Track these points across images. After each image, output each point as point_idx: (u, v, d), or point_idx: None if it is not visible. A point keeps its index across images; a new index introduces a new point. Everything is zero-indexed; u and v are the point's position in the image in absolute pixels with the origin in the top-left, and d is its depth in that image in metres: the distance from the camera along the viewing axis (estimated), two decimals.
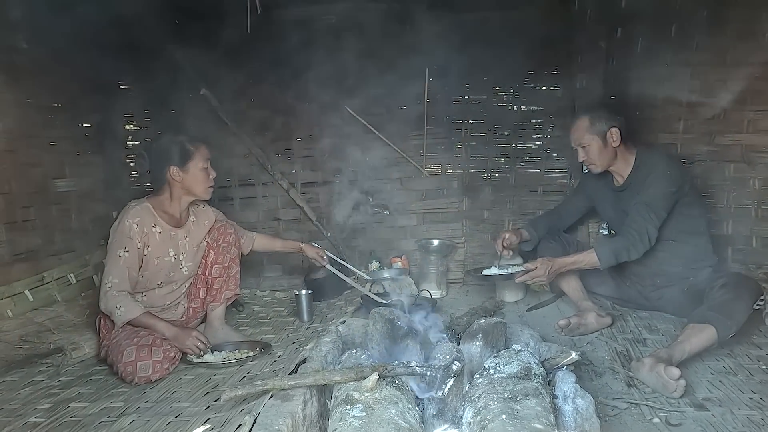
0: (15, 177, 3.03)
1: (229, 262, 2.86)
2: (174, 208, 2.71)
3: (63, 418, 1.98)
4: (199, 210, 2.87)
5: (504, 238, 3.08)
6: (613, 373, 2.29)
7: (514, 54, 3.54)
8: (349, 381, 1.79)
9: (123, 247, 2.52)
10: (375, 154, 3.85)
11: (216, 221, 2.90)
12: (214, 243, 2.83)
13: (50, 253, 3.22)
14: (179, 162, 2.64)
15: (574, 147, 2.93)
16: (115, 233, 2.56)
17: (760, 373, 2.23)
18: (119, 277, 2.50)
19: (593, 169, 2.92)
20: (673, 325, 2.76)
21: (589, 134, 2.84)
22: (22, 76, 3.09)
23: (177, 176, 2.64)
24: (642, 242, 2.69)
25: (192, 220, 2.80)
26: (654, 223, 2.70)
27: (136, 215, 2.57)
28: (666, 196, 2.72)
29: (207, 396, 2.11)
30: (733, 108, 3.21)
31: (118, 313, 2.45)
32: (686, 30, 3.31)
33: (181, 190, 2.69)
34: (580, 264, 2.80)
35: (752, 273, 3.01)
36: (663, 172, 2.75)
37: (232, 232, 2.89)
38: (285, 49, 3.65)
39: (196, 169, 2.66)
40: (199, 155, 2.67)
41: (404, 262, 3.69)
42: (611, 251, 2.73)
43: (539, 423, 1.49)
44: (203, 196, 2.75)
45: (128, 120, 4.00)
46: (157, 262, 2.63)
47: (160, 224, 2.65)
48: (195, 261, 2.79)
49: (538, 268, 2.76)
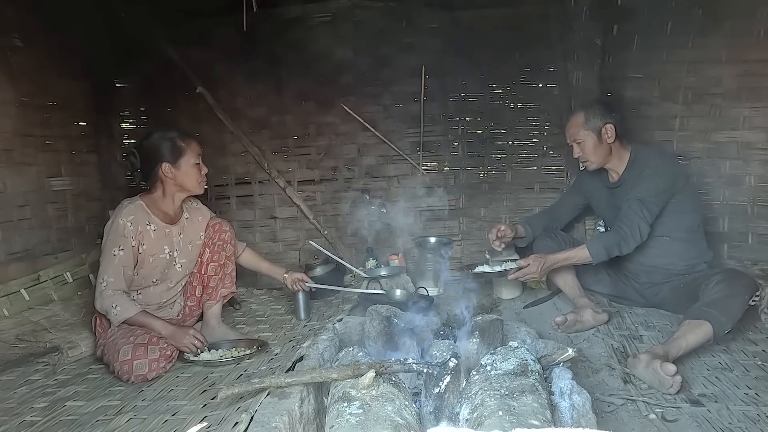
0: (10, 176, 3.01)
1: (224, 259, 2.85)
2: (167, 206, 2.71)
3: (59, 417, 1.97)
4: (193, 207, 2.86)
5: (499, 229, 3.08)
6: (610, 370, 2.30)
7: (510, 51, 3.55)
8: (346, 378, 1.79)
9: (117, 245, 2.51)
10: (371, 152, 3.85)
11: (211, 218, 2.90)
12: (209, 241, 2.83)
13: (46, 252, 3.21)
14: (171, 158, 2.62)
15: (569, 143, 2.94)
16: (109, 232, 2.54)
17: (756, 369, 2.24)
18: (114, 276, 2.49)
19: (588, 166, 2.93)
20: (670, 322, 2.76)
21: (584, 130, 2.84)
22: (18, 75, 3.08)
23: (169, 173, 2.63)
24: (633, 237, 2.70)
25: (186, 217, 2.79)
26: (646, 218, 2.70)
27: (130, 213, 2.57)
28: (659, 192, 2.73)
29: (204, 394, 2.10)
30: (728, 105, 3.22)
31: (114, 312, 2.44)
32: (682, 27, 3.31)
33: (174, 186, 2.68)
34: (572, 260, 2.81)
35: (748, 269, 3.02)
36: (657, 168, 2.76)
37: (228, 229, 2.88)
38: (281, 47, 3.64)
39: (187, 165, 2.65)
40: (190, 151, 2.65)
41: (401, 259, 3.69)
42: (602, 246, 2.74)
43: (536, 419, 1.49)
44: (196, 191, 2.74)
45: (124, 118, 3.99)
46: (152, 259, 2.63)
47: (154, 221, 2.64)
48: (189, 258, 2.79)
49: (530, 264, 2.77)
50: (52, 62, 3.33)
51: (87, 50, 3.56)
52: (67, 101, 3.47)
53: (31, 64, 3.17)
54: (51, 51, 3.30)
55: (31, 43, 3.17)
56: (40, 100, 3.28)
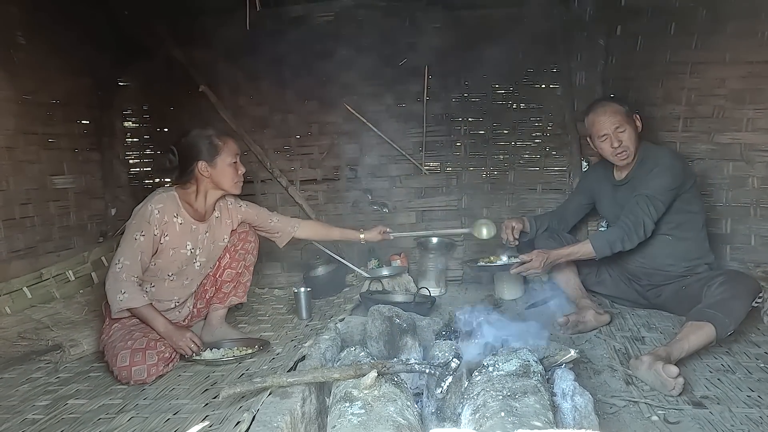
0: (13, 173, 3.02)
1: (242, 269, 2.83)
2: (199, 203, 2.69)
3: (61, 415, 1.97)
4: (226, 207, 2.82)
5: (512, 227, 3.06)
6: (612, 371, 2.29)
7: (513, 52, 3.54)
8: (348, 378, 1.80)
9: (140, 230, 2.49)
10: (374, 152, 3.85)
11: (241, 224, 2.86)
12: (232, 247, 2.80)
13: (48, 250, 3.21)
14: (207, 157, 2.62)
15: (604, 134, 2.81)
16: (136, 215, 2.54)
17: (759, 371, 2.23)
18: (131, 260, 2.46)
19: (625, 158, 2.83)
20: (672, 323, 2.76)
21: (626, 116, 2.80)
22: (21, 73, 3.08)
23: (205, 171, 2.62)
24: (637, 233, 2.69)
25: (216, 216, 2.76)
26: (652, 215, 2.69)
27: (160, 201, 2.55)
28: (667, 189, 2.72)
29: (205, 393, 2.11)
30: (732, 106, 3.21)
31: (120, 297, 2.40)
32: (685, 28, 3.30)
33: (209, 184, 2.67)
34: (575, 255, 2.80)
35: (751, 271, 3.01)
36: (667, 166, 2.74)
37: (253, 240, 2.86)
38: (284, 46, 3.64)
39: (224, 164, 2.64)
40: (227, 150, 2.65)
41: (403, 259, 3.69)
42: (606, 241, 2.73)
43: (538, 420, 1.49)
44: (232, 191, 2.73)
45: (126, 117, 3.99)
46: (173, 252, 2.60)
47: (183, 215, 2.62)
48: (209, 257, 2.76)
49: (533, 259, 2.76)
50: (55, 60, 3.33)
51: (89, 48, 3.57)
52: (69, 99, 3.47)
53: (34, 61, 3.18)
54: (53, 49, 3.30)
55: (34, 41, 3.17)
56: (43, 98, 3.29)
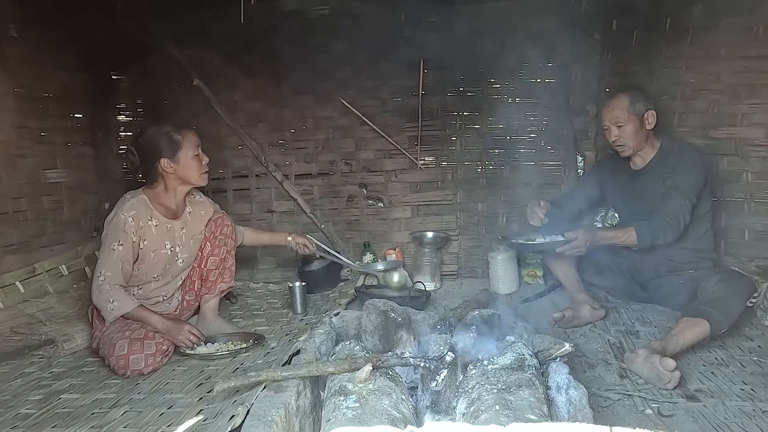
0: (6, 168, 2.99)
1: (225, 254, 2.84)
2: (170, 200, 2.68)
3: (54, 410, 1.97)
4: (196, 200, 2.84)
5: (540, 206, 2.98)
6: (606, 365, 2.30)
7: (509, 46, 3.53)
8: (343, 372, 1.79)
9: (117, 240, 2.48)
10: (369, 146, 3.84)
11: (214, 213, 2.88)
12: (211, 235, 2.81)
13: (42, 244, 3.19)
14: (168, 153, 2.57)
15: (606, 126, 2.86)
16: (110, 226, 2.51)
17: (752, 365, 2.24)
18: (112, 271, 2.46)
19: (623, 151, 2.86)
20: (666, 318, 2.77)
21: (627, 113, 2.80)
22: (13, 66, 3.06)
23: (169, 168, 2.59)
24: (678, 227, 2.71)
25: (189, 211, 2.77)
26: (687, 208, 2.71)
27: (132, 208, 2.53)
28: (697, 182, 2.75)
29: (200, 387, 2.10)
30: (727, 101, 3.21)
31: (110, 307, 2.41)
32: (681, 23, 3.30)
33: (175, 180, 2.64)
34: (618, 239, 2.78)
35: (745, 266, 3.02)
36: (694, 160, 2.78)
37: (230, 224, 2.87)
38: (279, 40, 3.62)
39: (186, 158, 2.60)
40: (187, 143, 2.60)
41: (398, 254, 3.69)
42: (650, 231, 2.72)
43: (532, 414, 1.49)
44: (199, 183, 2.70)
45: (121, 111, 3.97)
46: (153, 255, 2.60)
47: (156, 217, 2.61)
48: (190, 253, 2.77)
49: (579, 238, 2.69)
50: (49, 54, 3.30)
51: (84, 42, 3.54)
52: (63, 93, 3.45)
53: (27, 55, 3.15)
54: (47, 42, 3.27)
55: (27, 34, 3.14)
56: (36, 92, 3.26)
